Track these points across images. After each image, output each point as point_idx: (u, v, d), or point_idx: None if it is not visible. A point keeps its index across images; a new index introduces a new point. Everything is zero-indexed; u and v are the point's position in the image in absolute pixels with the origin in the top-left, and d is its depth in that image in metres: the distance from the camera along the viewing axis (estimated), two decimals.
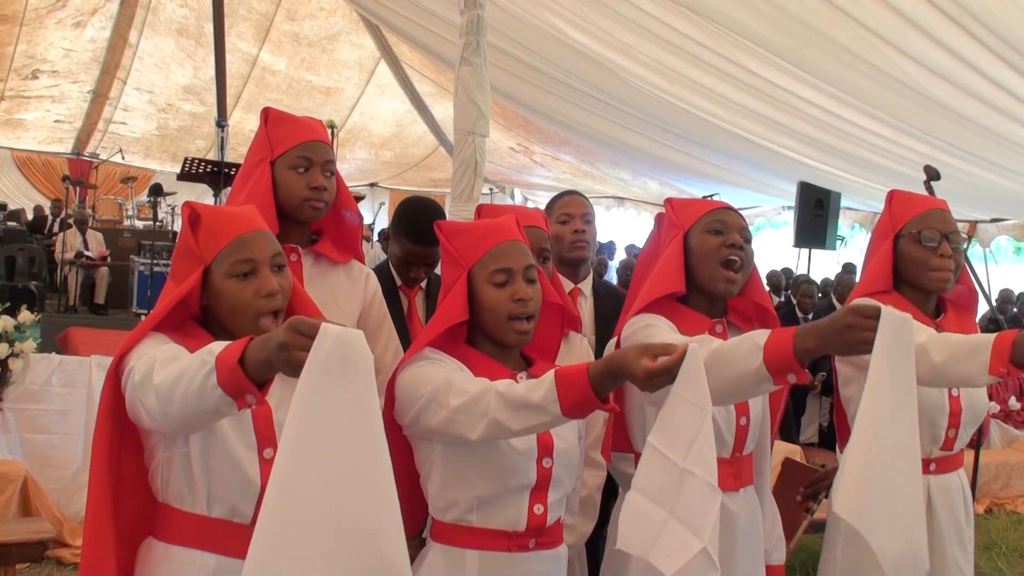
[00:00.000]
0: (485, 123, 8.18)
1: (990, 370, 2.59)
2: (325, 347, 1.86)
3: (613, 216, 22.37)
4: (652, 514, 2.25)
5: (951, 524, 3.22)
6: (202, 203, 2.55)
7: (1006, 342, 2.56)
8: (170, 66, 19.62)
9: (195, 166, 12.81)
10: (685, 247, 3.02)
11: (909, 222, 3.24)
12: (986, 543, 7.77)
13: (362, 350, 1.90)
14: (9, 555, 5.07)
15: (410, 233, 3.93)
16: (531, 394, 2.29)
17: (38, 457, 6.44)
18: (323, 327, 1.87)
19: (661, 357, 2.19)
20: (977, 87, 8.80)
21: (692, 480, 2.20)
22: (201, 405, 2.03)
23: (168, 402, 2.08)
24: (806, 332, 2.33)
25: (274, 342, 1.91)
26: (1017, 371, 2.59)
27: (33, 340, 6.33)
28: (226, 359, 1.98)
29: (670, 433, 2.26)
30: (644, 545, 2.26)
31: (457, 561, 2.56)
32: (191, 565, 2.34)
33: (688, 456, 2.21)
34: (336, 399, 1.88)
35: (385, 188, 24.81)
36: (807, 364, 2.35)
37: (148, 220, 17.76)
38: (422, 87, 20.14)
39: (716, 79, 10.89)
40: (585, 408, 2.27)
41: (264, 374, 1.98)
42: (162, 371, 2.10)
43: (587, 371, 2.24)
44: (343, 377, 1.88)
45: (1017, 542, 8.02)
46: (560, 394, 2.25)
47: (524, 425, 2.31)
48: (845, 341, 2.29)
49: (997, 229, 15.05)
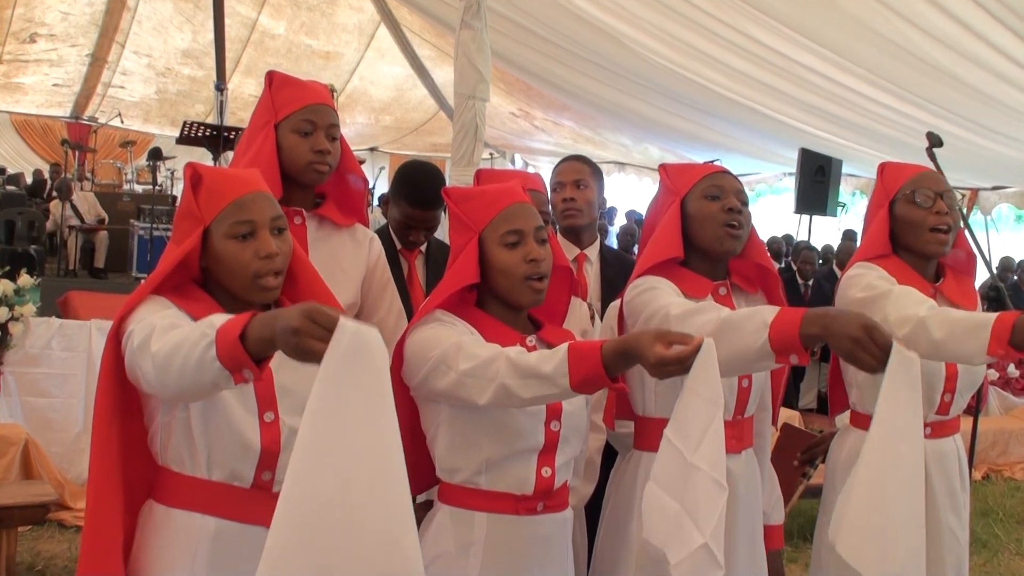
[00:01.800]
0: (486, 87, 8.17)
1: (988, 351, 2.60)
2: (343, 344, 1.86)
3: (614, 181, 22.29)
4: (668, 506, 2.27)
5: (945, 490, 3.23)
6: (204, 164, 2.54)
7: (1006, 324, 2.56)
8: (169, 30, 19.53)
9: (194, 130, 12.80)
10: (683, 213, 3.02)
11: (903, 186, 3.25)
12: (983, 509, 7.81)
13: (379, 347, 1.90)
14: (11, 517, 5.08)
15: (410, 197, 3.92)
16: (542, 364, 2.30)
17: (39, 420, 6.45)
18: (341, 323, 1.87)
19: (676, 346, 2.20)
20: (980, 54, 8.80)
21: (698, 475, 2.22)
22: (199, 377, 2.03)
23: (165, 371, 2.08)
24: (813, 319, 2.33)
25: (284, 324, 1.90)
26: (1015, 354, 2.60)
27: (33, 304, 6.31)
28: (227, 333, 1.98)
29: (683, 426, 2.27)
30: (664, 537, 2.27)
31: (465, 523, 2.58)
32: (191, 528, 2.35)
33: (697, 451, 2.23)
34: (354, 397, 1.88)
35: (385, 153, 24.73)
36: (811, 348, 2.35)
37: (147, 184, 17.68)
38: (422, 51, 20.04)
39: (718, 46, 10.88)
40: (594, 385, 2.28)
41: (264, 351, 1.98)
42: (160, 339, 2.10)
43: (600, 349, 2.25)
44: (361, 375, 1.88)
45: (1014, 508, 8.05)
46: (571, 369, 2.26)
47: (532, 394, 2.32)
48: (846, 349, 2.29)
49: (998, 197, 15.08)
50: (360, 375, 1.88)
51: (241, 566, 2.29)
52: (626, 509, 2.97)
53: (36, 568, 5.46)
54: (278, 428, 2.38)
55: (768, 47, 10.24)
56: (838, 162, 13.01)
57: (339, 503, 1.86)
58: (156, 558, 2.37)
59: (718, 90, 12.38)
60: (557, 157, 4.45)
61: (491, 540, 2.57)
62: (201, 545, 2.34)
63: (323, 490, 1.86)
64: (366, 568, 1.88)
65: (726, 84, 12.11)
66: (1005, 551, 7.07)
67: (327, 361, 1.86)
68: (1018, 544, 7.21)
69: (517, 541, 2.59)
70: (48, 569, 5.46)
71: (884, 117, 11.35)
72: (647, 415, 2.98)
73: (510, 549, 2.58)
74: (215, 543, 2.35)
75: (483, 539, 2.57)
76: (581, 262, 4.07)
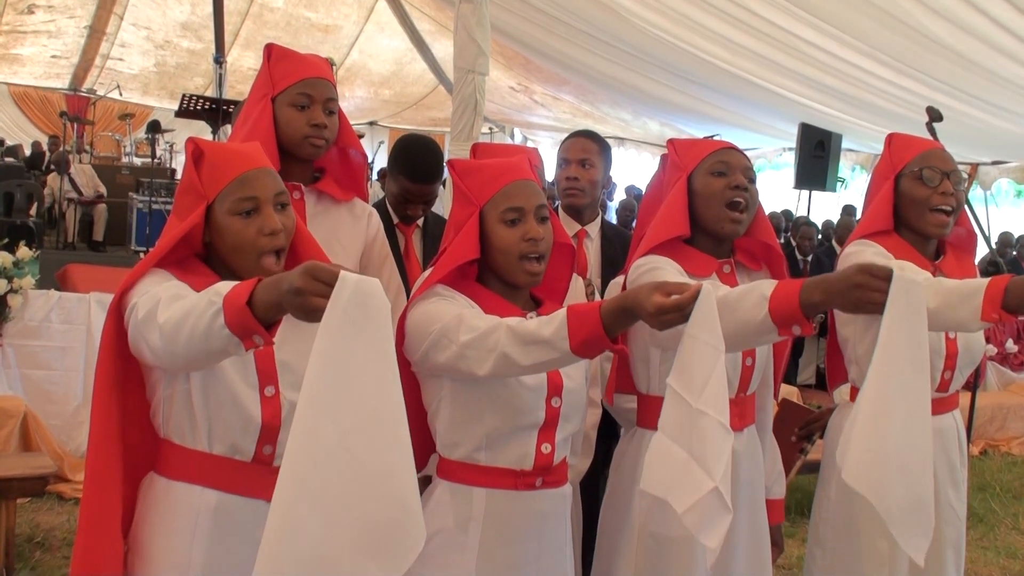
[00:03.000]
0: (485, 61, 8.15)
1: (982, 316, 2.58)
2: (344, 295, 1.87)
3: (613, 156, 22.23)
4: (675, 454, 2.26)
5: (945, 465, 3.24)
6: (206, 139, 2.53)
7: (998, 288, 2.55)
8: (167, 2, 19.43)
9: (193, 103, 12.77)
10: (689, 189, 3.01)
11: (910, 162, 3.24)
12: (980, 484, 7.85)
13: (380, 298, 1.92)
14: (10, 489, 5.09)
15: (407, 171, 3.91)
16: (542, 329, 2.29)
17: (38, 393, 6.47)
18: (342, 275, 1.88)
19: (674, 296, 2.19)
20: (980, 27, 8.77)
21: (705, 420, 2.21)
22: (208, 345, 2.03)
23: (173, 341, 2.08)
24: (813, 285, 2.32)
25: (287, 286, 1.91)
26: (1009, 317, 2.59)
27: (32, 277, 6.31)
28: (234, 300, 1.98)
29: (686, 373, 2.26)
30: (666, 486, 2.27)
31: (464, 498, 2.59)
32: (192, 501, 2.36)
33: (701, 396, 2.22)
34: (355, 347, 1.89)
35: (384, 127, 24.70)
36: (813, 317, 2.35)
37: (146, 157, 17.65)
38: (421, 25, 19.97)
39: (717, 19, 10.84)
40: (594, 346, 2.26)
41: (272, 316, 1.98)
42: (167, 309, 2.10)
43: (599, 308, 2.24)
44: (362, 325, 1.89)
45: (1011, 483, 8.09)
46: (571, 330, 2.24)
47: (533, 360, 2.31)
48: (853, 300, 2.28)
49: (998, 172, 15.07)
50: (362, 325, 1.89)
51: (241, 539, 2.32)
52: (628, 486, 2.97)
53: (35, 540, 5.49)
54: (279, 402, 2.38)
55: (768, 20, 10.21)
56: (838, 137, 13.00)
57: (342, 447, 1.88)
58: (157, 530, 2.38)
59: (718, 63, 12.35)
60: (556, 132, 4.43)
61: (490, 515, 2.58)
62: (202, 517, 2.36)
63: (327, 436, 1.88)
64: (367, 508, 1.90)
65: (726, 57, 12.08)
66: (1002, 525, 7.12)
67: (329, 312, 1.87)
68: (1015, 519, 7.26)
69: (516, 516, 2.60)
70: (47, 541, 5.49)
71: (884, 91, 11.33)
72: (651, 393, 2.98)
73: (509, 524, 2.59)
74: (216, 516, 2.36)
75: (482, 514, 2.58)
76: (581, 238, 4.07)
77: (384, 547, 1.92)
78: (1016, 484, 8.07)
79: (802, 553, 5.40)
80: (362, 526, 1.90)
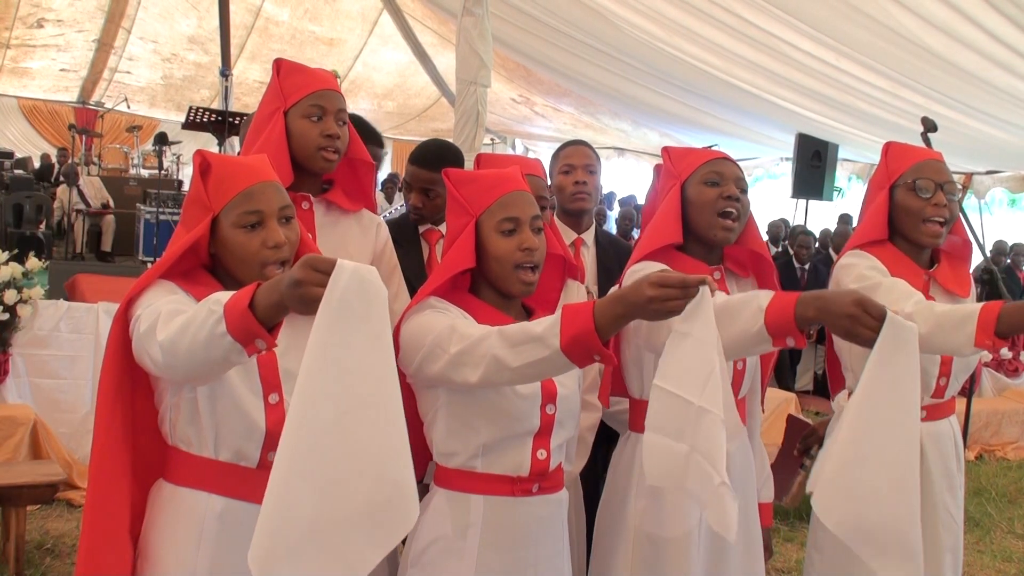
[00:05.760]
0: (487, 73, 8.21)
1: (975, 342, 2.61)
2: (342, 282, 1.89)
3: (613, 167, 22.28)
4: (673, 449, 2.28)
5: (941, 471, 3.27)
6: (213, 152, 2.56)
7: (991, 314, 2.58)
8: (174, 16, 19.56)
9: (200, 115, 12.83)
10: (682, 197, 3.04)
11: (905, 172, 3.25)
12: (976, 489, 7.85)
13: (377, 285, 1.94)
14: (20, 496, 5.09)
15: (413, 155, 3.95)
16: (534, 327, 2.31)
17: (47, 401, 6.48)
18: (339, 263, 1.90)
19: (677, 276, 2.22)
20: (974, 39, 8.84)
21: (708, 417, 2.23)
22: (209, 354, 2.05)
23: (173, 355, 2.10)
24: (808, 301, 2.34)
25: (287, 280, 1.93)
26: (1001, 343, 2.61)
27: (41, 287, 6.29)
28: (235, 305, 1.99)
29: (679, 373, 2.28)
30: (674, 478, 2.30)
31: (462, 506, 2.60)
32: (198, 507, 2.39)
33: (703, 394, 2.24)
34: (352, 332, 1.92)
35: (388, 138, 24.67)
36: (806, 330, 2.37)
37: (153, 169, 17.77)
38: (424, 37, 20.01)
39: (716, 30, 10.90)
40: (583, 343, 2.25)
41: (274, 317, 2.00)
42: (166, 326, 2.12)
43: (593, 303, 2.26)
44: (359, 311, 1.92)
45: (1006, 487, 8.09)
46: (563, 326, 2.26)
47: (522, 361, 2.32)
48: (843, 328, 2.31)
49: (992, 181, 15.05)
50: (359, 310, 1.92)
51: (247, 544, 2.30)
52: (624, 489, 3.01)
53: (45, 546, 5.50)
54: (282, 410, 2.37)
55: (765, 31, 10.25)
56: (834, 147, 13.06)
57: (338, 430, 1.92)
58: (164, 535, 2.41)
59: (717, 74, 12.38)
60: (557, 143, 4.48)
61: (488, 522, 2.59)
62: (208, 523, 2.38)
63: (323, 419, 1.91)
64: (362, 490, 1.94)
65: (724, 68, 12.11)
66: (997, 530, 7.13)
67: (327, 296, 1.90)
68: (1010, 523, 7.27)
69: (513, 522, 2.61)
70: (57, 547, 5.50)
71: (881, 102, 11.36)
72: (643, 398, 2.96)
73: (507, 530, 2.61)
74: (222, 521, 2.38)
75: (480, 521, 2.59)
76: (578, 246, 4.09)
77: (376, 523, 1.95)
78: (1011, 488, 8.08)
79: (801, 557, 5.47)
80: (355, 503, 1.93)
